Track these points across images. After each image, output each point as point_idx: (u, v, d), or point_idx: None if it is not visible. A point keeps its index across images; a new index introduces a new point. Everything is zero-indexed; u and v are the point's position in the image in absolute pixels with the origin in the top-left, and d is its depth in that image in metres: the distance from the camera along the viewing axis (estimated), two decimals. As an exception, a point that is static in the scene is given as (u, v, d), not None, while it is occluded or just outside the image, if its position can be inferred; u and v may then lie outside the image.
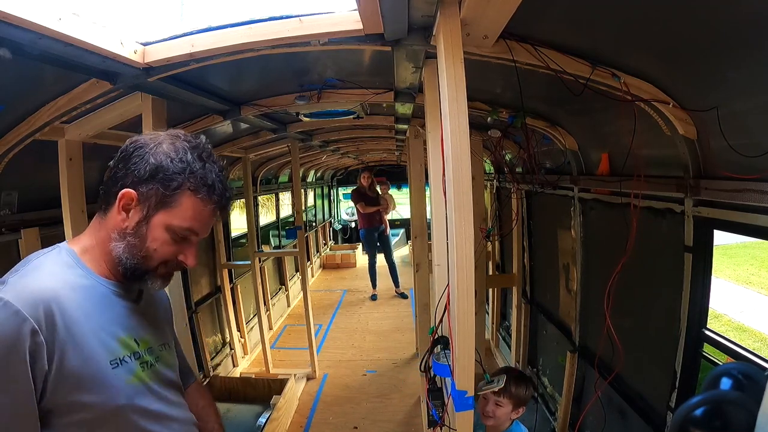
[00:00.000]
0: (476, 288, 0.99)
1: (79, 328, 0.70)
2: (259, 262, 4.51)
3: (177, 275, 1.26)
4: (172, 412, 0.85)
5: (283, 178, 5.83)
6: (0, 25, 0.85)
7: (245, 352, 4.15)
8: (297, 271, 5.92)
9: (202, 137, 0.81)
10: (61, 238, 1.81)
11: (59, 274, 0.72)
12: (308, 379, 3.71)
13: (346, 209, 10.36)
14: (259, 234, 4.69)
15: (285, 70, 1.80)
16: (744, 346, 1.35)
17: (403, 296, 5.80)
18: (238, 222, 4.94)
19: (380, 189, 6.40)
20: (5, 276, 0.70)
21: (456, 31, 0.93)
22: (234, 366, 3.91)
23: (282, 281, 5.70)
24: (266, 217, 6.07)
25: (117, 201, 0.75)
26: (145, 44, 1.23)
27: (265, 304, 4.66)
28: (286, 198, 6.49)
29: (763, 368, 1.11)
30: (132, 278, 0.79)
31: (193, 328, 3.32)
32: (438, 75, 1.00)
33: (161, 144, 0.76)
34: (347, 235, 10.00)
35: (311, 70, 1.83)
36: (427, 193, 2.17)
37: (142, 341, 0.82)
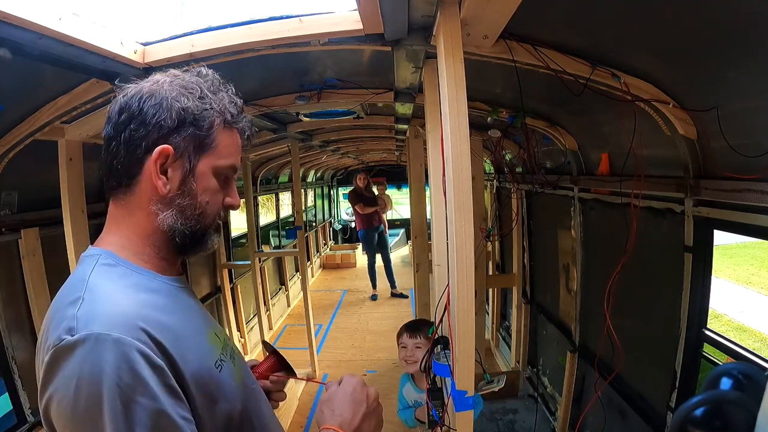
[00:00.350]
0: (476, 288, 0.99)
1: (178, 335, 0.59)
2: (259, 262, 4.51)
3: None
4: (268, 412, 0.75)
5: (283, 178, 5.83)
6: (0, 25, 0.85)
7: (245, 352, 4.14)
8: (297, 271, 5.92)
9: (203, 68, 0.71)
10: (61, 238, 1.83)
11: (125, 285, 0.60)
12: (308, 379, 3.71)
13: (346, 209, 10.36)
14: (259, 234, 4.69)
15: (285, 70, 1.80)
16: (744, 346, 1.35)
17: (403, 296, 5.80)
18: (238, 222, 4.94)
19: (377, 189, 6.42)
20: (61, 311, 0.55)
21: (456, 31, 0.93)
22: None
23: (282, 281, 5.70)
24: (266, 217, 6.07)
25: (149, 165, 0.61)
26: (145, 44, 1.23)
27: (265, 304, 4.66)
28: (286, 198, 6.49)
29: (763, 368, 1.11)
30: (192, 246, 0.67)
31: (193, 328, 3.31)
32: (438, 75, 1.00)
33: (171, 85, 0.64)
34: (347, 235, 10.00)
35: (311, 70, 1.83)
36: (427, 193, 2.17)
37: (219, 333, 0.72)
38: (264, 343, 1.04)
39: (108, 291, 0.57)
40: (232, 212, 1.03)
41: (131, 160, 0.62)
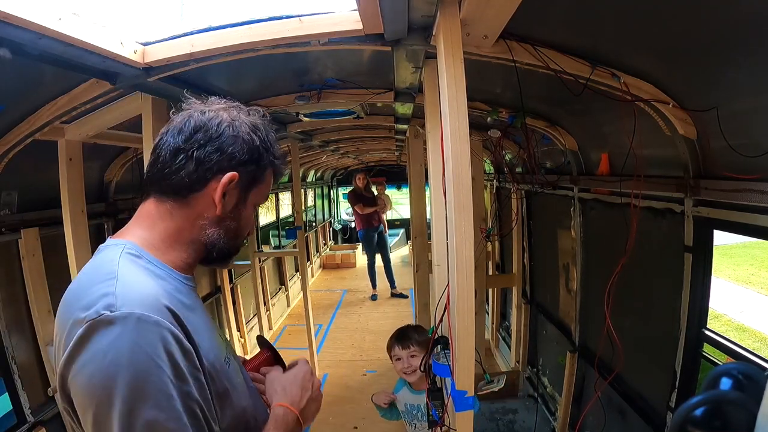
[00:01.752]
0: (476, 288, 0.99)
1: (196, 328, 0.63)
2: (259, 262, 4.52)
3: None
4: (265, 413, 0.77)
5: (283, 178, 5.83)
6: (0, 25, 0.85)
7: (245, 353, 4.14)
8: (297, 271, 5.92)
9: (259, 108, 0.77)
10: (61, 238, 1.83)
11: (150, 275, 0.63)
12: (308, 379, 3.71)
13: (346, 209, 10.36)
14: (259, 234, 4.69)
15: (285, 70, 1.80)
16: (744, 346, 1.35)
17: (403, 296, 5.80)
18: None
19: (377, 189, 6.42)
20: (92, 288, 0.57)
21: (456, 31, 0.93)
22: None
23: (282, 281, 5.70)
24: (266, 217, 6.07)
25: (213, 185, 0.67)
26: (145, 44, 1.23)
27: (265, 304, 4.66)
28: (286, 198, 6.49)
29: (763, 368, 1.11)
30: (219, 260, 0.74)
31: (193, 328, 3.32)
32: (438, 75, 1.00)
33: (244, 121, 0.71)
34: (347, 235, 10.01)
35: (311, 70, 1.83)
36: (427, 193, 2.17)
37: (222, 334, 0.76)
38: (258, 337, 1.07)
39: (139, 276, 0.60)
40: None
41: (199, 177, 0.67)
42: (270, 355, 0.95)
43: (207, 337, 0.66)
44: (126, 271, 0.59)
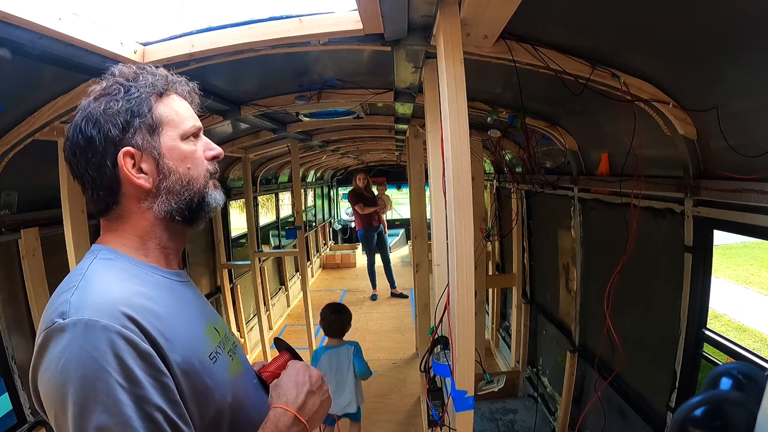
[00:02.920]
0: (476, 288, 0.99)
1: (169, 327, 0.60)
2: (259, 262, 4.51)
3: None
4: (264, 408, 0.75)
5: (283, 178, 5.83)
6: (0, 25, 0.85)
7: (245, 353, 4.14)
8: (297, 271, 5.92)
9: (114, 68, 0.69)
10: (61, 238, 1.82)
11: (120, 277, 0.61)
12: (308, 379, 3.71)
13: (346, 209, 10.36)
14: (259, 234, 4.69)
15: (285, 70, 1.80)
16: (744, 346, 1.35)
17: (403, 296, 5.80)
18: (238, 222, 4.94)
19: (377, 189, 6.42)
20: (57, 298, 0.58)
21: (456, 31, 0.93)
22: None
23: (282, 281, 5.70)
24: (266, 217, 6.07)
25: (123, 174, 0.64)
26: (145, 44, 1.23)
27: (265, 304, 4.66)
28: (286, 198, 6.49)
29: (763, 368, 1.11)
30: (196, 213, 0.70)
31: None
32: (438, 75, 1.00)
33: (96, 100, 0.65)
34: (347, 235, 10.01)
35: (311, 70, 1.83)
36: (427, 193, 2.17)
37: (220, 328, 0.74)
38: (276, 340, 1.01)
39: (102, 281, 0.59)
40: (232, 212, 1.05)
41: (105, 180, 0.64)
42: (289, 356, 0.90)
43: (186, 335, 0.63)
44: (91, 278, 0.59)
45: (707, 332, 1.43)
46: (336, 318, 2.49)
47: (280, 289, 5.58)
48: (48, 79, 1.31)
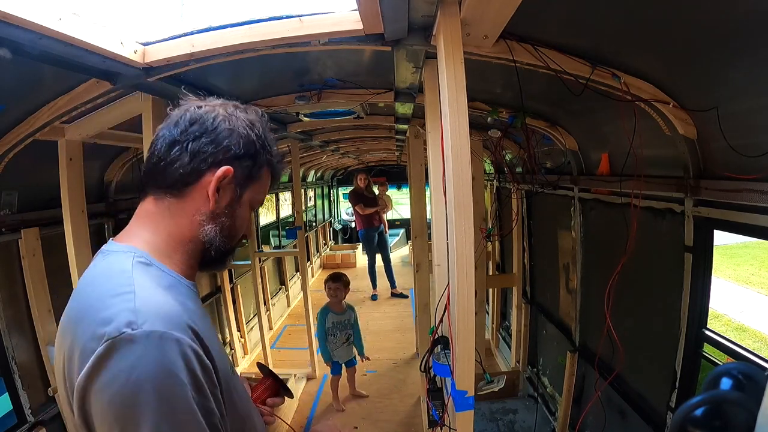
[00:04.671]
0: (476, 288, 0.99)
1: (211, 340, 0.61)
2: (259, 262, 4.51)
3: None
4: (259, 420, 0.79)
5: (283, 178, 5.83)
6: (0, 25, 0.85)
7: (245, 352, 4.14)
8: (297, 271, 5.92)
9: (257, 108, 0.74)
10: (61, 238, 1.82)
11: (163, 285, 0.61)
12: (308, 379, 3.71)
13: (347, 209, 10.36)
14: (259, 234, 4.69)
15: (285, 70, 1.80)
16: (744, 346, 1.35)
17: (403, 296, 5.80)
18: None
19: (378, 189, 6.42)
20: (108, 303, 0.55)
21: (456, 31, 0.94)
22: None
23: (282, 281, 5.69)
24: (266, 217, 6.06)
25: (208, 179, 0.65)
26: (145, 44, 1.23)
27: (265, 304, 4.66)
28: (286, 198, 6.49)
29: (763, 368, 1.11)
30: (217, 261, 0.71)
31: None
32: (438, 75, 1.00)
33: (241, 117, 0.69)
34: (347, 235, 10.00)
35: (311, 70, 1.83)
36: (427, 193, 2.17)
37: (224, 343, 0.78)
38: (259, 365, 1.04)
39: (155, 290, 0.59)
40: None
41: (193, 169, 0.65)
42: (272, 382, 0.93)
43: (218, 347, 0.64)
44: (142, 284, 0.58)
45: (707, 332, 1.43)
46: (338, 285, 3.13)
47: (280, 289, 5.58)
48: (48, 79, 1.31)
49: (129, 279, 0.58)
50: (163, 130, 0.68)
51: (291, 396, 0.96)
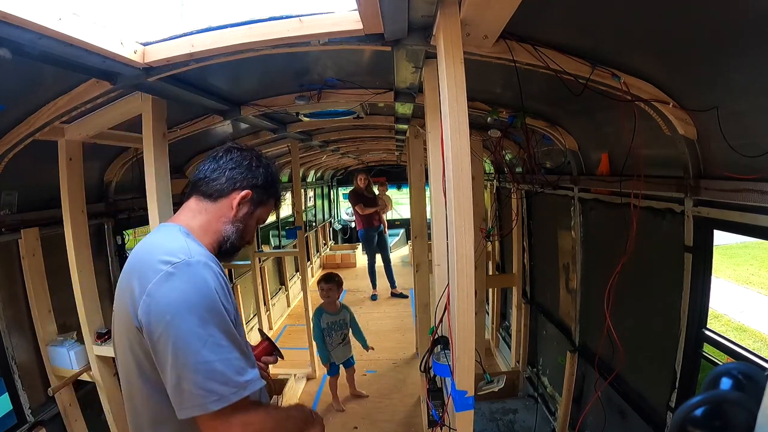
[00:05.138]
0: (476, 288, 0.99)
1: (226, 282, 0.90)
2: (259, 262, 4.51)
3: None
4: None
5: (283, 178, 5.82)
6: (0, 25, 0.85)
7: (245, 352, 4.14)
8: (297, 271, 5.92)
9: (272, 162, 1.09)
10: (61, 238, 1.82)
11: (200, 246, 0.91)
12: (308, 379, 3.71)
13: (346, 209, 10.36)
14: (259, 234, 4.69)
15: (285, 70, 1.80)
16: (744, 346, 1.35)
17: (403, 296, 5.80)
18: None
19: (378, 189, 6.41)
20: (169, 247, 0.86)
21: (456, 31, 0.94)
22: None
23: (282, 281, 5.70)
24: (266, 217, 6.05)
25: (234, 195, 0.98)
26: (145, 44, 1.23)
27: (265, 304, 4.66)
28: (285, 198, 6.49)
29: (763, 368, 1.11)
30: (228, 253, 1.01)
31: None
32: (438, 75, 1.00)
33: (267, 160, 1.06)
34: (347, 235, 10.00)
35: (311, 70, 1.83)
36: (427, 193, 2.17)
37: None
38: (259, 330, 1.43)
39: (197, 245, 0.90)
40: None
41: (226, 187, 0.99)
42: (267, 344, 1.24)
43: (234, 305, 0.91)
44: (188, 240, 0.89)
45: (707, 332, 1.43)
46: (331, 286, 3.15)
47: (280, 289, 5.58)
48: (48, 79, 1.31)
49: (179, 236, 0.90)
50: (209, 159, 1.02)
51: (281, 357, 1.27)
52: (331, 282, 3.15)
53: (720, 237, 1.39)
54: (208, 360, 0.77)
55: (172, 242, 0.87)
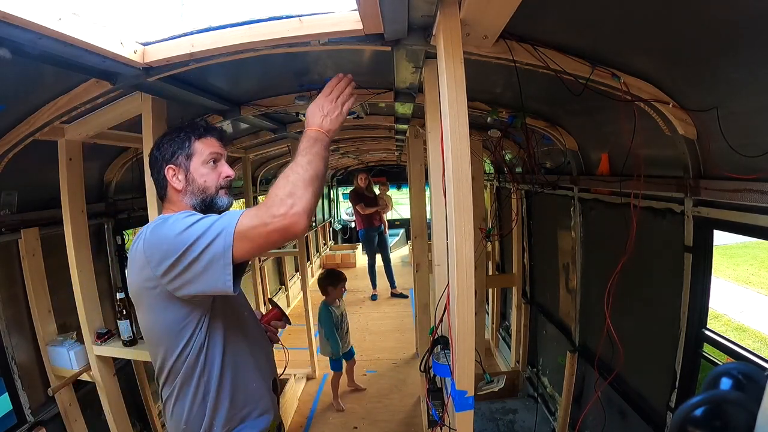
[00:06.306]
0: (476, 288, 0.99)
1: None
2: (259, 261, 4.51)
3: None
4: (260, 339, 1.30)
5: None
6: (0, 25, 0.85)
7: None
8: (297, 271, 5.92)
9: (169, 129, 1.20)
10: (61, 238, 1.82)
11: None
12: (308, 379, 3.71)
13: (346, 209, 10.35)
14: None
15: (285, 70, 1.80)
16: (744, 346, 1.35)
17: (403, 296, 5.80)
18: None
19: (378, 189, 6.41)
20: (157, 218, 1.02)
21: (456, 31, 0.93)
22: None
23: (282, 281, 5.69)
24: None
25: (169, 180, 1.09)
26: (145, 44, 1.22)
27: (265, 304, 4.66)
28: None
29: (763, 368, 1.11)
30: (207, 208, 1.09)
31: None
32: (438, 75, 1.00)
33: (165, 137, 1.13)
34: (347, 235, 10.00)
35: (311, 70, 1.83)
36: (427, 193, 2.17)
37: None
38: (269, 300, 1.58)
39: None
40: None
41: (159, 179, 1.13)
42: (277, 311, 1.39)
43: None
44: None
45: (707, 332, 1.43)
46: (331, 281, 3.36)
47: (280, 289, 5.58)
48: (48, 79, 1.31)
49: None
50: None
51: (289, 322, 1.41)
52: (343, 281, 3.40)
53: (720, 237, 1.39)
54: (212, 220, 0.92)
55: (158, 219, 1.01)
